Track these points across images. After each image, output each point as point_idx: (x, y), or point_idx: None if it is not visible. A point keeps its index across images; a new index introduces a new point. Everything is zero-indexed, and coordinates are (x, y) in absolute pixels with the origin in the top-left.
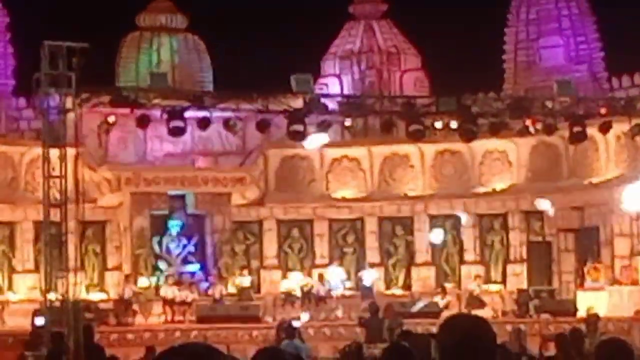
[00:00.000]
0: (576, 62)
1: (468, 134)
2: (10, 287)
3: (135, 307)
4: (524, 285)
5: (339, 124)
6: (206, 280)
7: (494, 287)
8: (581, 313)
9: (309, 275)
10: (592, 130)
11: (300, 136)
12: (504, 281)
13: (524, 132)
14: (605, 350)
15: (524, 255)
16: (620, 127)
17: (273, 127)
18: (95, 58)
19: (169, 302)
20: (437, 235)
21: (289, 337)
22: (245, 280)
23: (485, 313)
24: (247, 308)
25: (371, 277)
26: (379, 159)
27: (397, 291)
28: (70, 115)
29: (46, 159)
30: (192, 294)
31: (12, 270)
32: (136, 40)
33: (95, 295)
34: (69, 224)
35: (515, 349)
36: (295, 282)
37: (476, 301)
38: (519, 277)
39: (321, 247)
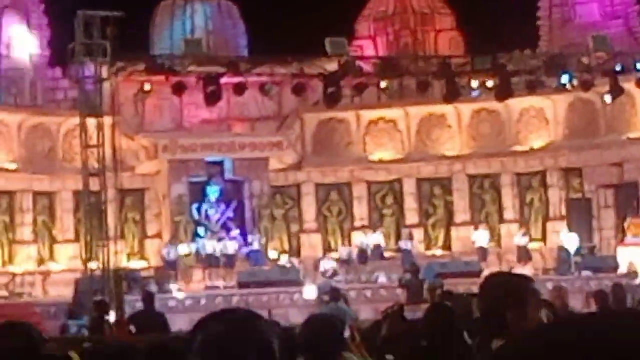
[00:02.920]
0: (611, 17)
1: (504, 93)
2: (51, 257)
3: (177, 274)
4: (565, 243)
5: (375, 86)
6: (246, 245)
7: (534, 245)
8: (623, 269)
9: (349, 237)
10: (629, 86)
11: (336, 99)
12: (544, 239)
13: (561, 89)
14: None
15: (564, 213)
16: None
17: (309, 91)
18: (129, 27)
19: (211, 263)
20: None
21: (334, 300)
22: (284, 259)
23: (527, 270)
24: (287, 272)
25: (409, 244)
26: (416, 120)
27: (438, 252)
28: (106, 85)
29: (83, 128)
30: (234, 245)
31: (53, 240)
32: (170, 8)
33: (136, 264)
34: (108, 192)
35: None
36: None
37: (526, 255)
38: (559, 234)
39: (360, 210)
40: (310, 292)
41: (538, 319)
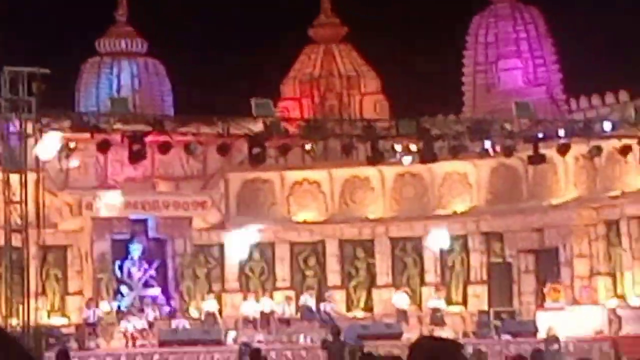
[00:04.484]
0: (534, 84)
1: (428, 157)
2: None
3: (97, 331)
4: (485, 307)
5: (300, 147)
6: (168, 304)
7: (454, 309)
8: (542, 334)
9: (271, 297)
10: (550, 152)
11: (260, 159)
12: (464, 302)
13: (484, 154)
14: None
15: (485, 277)
16: (578, 148)
17: (234, 151)
18: (55, 83)
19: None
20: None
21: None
22: (211, 305)
23: (446, 333)
24: (208, 331)
25: (328, 307)
26: (340, 182)
27: (359, 313)
28: (31, 141)
29: (7, 184)
30: (154, 312)
31: None
32: (96, 65)
33: (56, 320)
34: (30, 248)
35: None
36: (254, 305)
37: (439, 318)
38: (479, 298)
39: (282, 270)
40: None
41: None
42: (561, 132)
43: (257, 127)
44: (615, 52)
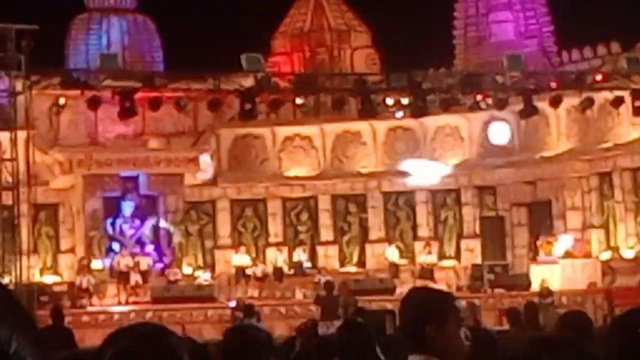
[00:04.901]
0: (526, 36)
1: (419, 110)
2: None
3: (90, 289)
4: (478, 260)
5: (291, 103)
6: (160, 260)
7: (447, 263)
8: (535, 287)
9: (263, 253)
10: (542, 105)
11: (251, 114)
12: (457, 256)
13: (475, 108)
14: (567, 321)
15: (477, 231)
16: (570, 101)
17: (225, 107)
18: (44, 40)
19: (123, 279)
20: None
21: (247, 316)
22: (204, 275)
23: (439, 287)
24: (201, 288)
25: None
26: (331, 137)
27: (352, 268)
28: (21, 98)
29: None
30: (147, 260)
31: None
32: (85, 22)
33: (48, 278)
34: (22, 207)
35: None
36: (246, 259)
37: (428, 273)
38: (472, 252)
39: (275, 226)
40: None
41: (457, 336)
42: (553, 85)
43: (248, 82)
44: (607, 3)
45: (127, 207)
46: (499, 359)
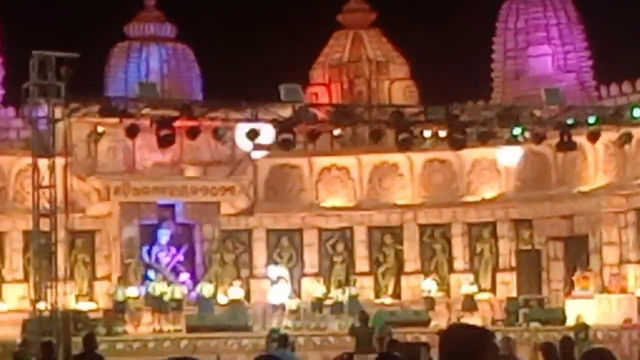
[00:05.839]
0: (564, 70)
1: (457, 143)
2: None
3: (125, 316)
4: (514, 294)
5: (328, 133)
6: (195, 289)
7: (483, 296)
8: (570, 321)
9: (298, 283)
10: (580, 139)
11: (289, 145)
12: (493, 289)
13: (513, 141)
14: (590, 358)
15: (513, 264)
16: (608, 135)
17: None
18: (84, 68)
19: (160, 306)
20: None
21: (281, 346)
22: (237, 291)
23: (475, 320)
24: (236, 317)
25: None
26: (368, 168)
27: (387, 300)
28: (60, 125)
29: (35, 168)
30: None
31: (1, 280)
32: (125, 50)
33: (84, 305)
34: (59, 233)
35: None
36: (284, 293)
37: (471, 304)
38: (508, 285)
39: (310, 257)
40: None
41: None
42: (591, 119)
43: (286, 112)
44: None
45: (163, 235)
46: None
